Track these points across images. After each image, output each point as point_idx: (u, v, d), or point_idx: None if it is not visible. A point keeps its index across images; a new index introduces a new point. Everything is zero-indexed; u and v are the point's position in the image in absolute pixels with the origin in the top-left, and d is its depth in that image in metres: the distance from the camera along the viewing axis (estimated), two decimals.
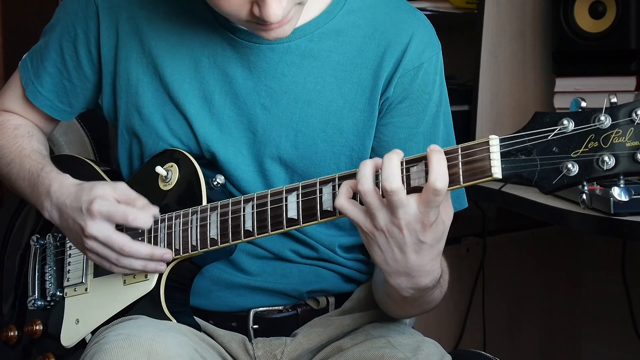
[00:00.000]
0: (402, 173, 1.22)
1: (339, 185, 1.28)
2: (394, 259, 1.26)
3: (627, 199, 1.13)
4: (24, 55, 1.67)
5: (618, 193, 1.14)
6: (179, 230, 1.45)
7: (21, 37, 2.54)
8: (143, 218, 1.45)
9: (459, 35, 2.44)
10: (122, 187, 1.47)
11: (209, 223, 1.42)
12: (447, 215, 1.26)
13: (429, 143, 1.47)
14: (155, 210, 1.47)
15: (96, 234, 1.43)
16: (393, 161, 1.21)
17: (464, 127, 2.34)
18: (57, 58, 1.60)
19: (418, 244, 1.24)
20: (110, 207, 1.43)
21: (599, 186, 1.70)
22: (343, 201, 1.25)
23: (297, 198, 1.33)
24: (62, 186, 1.50)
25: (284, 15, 1.33)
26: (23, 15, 2.68)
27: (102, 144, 1.99)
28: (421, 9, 1.59)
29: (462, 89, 2.47)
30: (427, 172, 1.20)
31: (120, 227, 1.45)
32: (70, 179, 1.52)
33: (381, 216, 1.23)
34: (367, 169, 1.23)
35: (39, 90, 1.63)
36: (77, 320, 1.55)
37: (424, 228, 1.22)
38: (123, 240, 1.43)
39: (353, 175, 1.27)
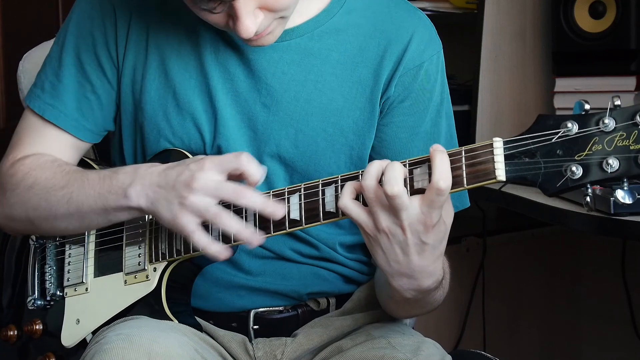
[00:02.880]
0: (405, 175, 1.22)
1: (342, 186, 1.28)
2: (396, 261, 1.26)
3: (631, 202, 1.13)
4: (27, 93, 1.59)
5: (622, 196, 1.14)
6: None
7: (21, 37, 2.54)
8: (254, 166, 1.33)
9: (459, 35, 2.44)
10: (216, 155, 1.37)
11: (210, 224, 1.41)
12: (448, 215, 1.26)
13: (430, 142, 1.46)
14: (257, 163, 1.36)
15: (206, 182, 1.32)
16: (396, 166, 1.21)
17: (464, 127, 2.34)
18: (76, 72, 1.54)
19: (420, 245, 1.24)
20: (219, 158, 1.33)
21: (599, 186, 1.70)
22: (347, 201, 1.25)
23: (300, 200, 1.33)
24: (152, 166, 1.40)
25: (260, 30, 1.34)
26: (23, 15, 2.68)
27: (102, 144, 1.98)
28: (421, 9, 1.59)
29: (462, 89, 2.48)
30: (430, 174, 1.21)
31: None
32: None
33: (383, 217, 1.23)
34: (373, 167, 1.23)
35: (61, 110, 1.54)
36: (78, 320, 1.55)
37: (426, 229, 1.22)
38: (234, 185, 1.32)
39: (356, 177, 1.27)
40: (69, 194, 1.45)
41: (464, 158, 1.20)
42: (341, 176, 1.30)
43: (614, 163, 1.12)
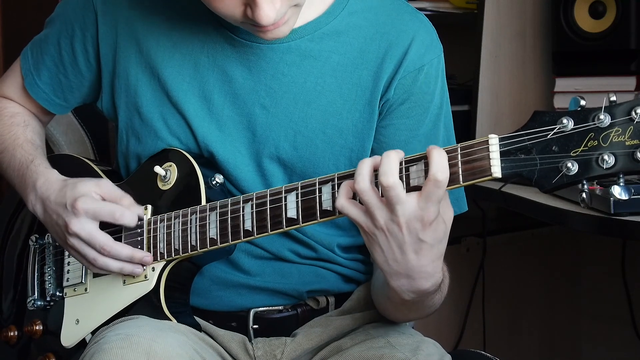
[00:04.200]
0: (401, 172, 1.22)
1: (339, 184, 1.28)
2: (394, 259, 1.26)
3: (627, 198, 1.13)
4: (27, 45, 1.68)
5: (618, 192, 1.14)
6: (178, 230, 1.45)
7: (21, 37, 2.55)
8: (129, 216, 1.46)
9: (459, 35, 2.44)
10: (106, 184, 1.48)
11: (209, 223, 1.42)
12: (447, 215, 1.26)
13: (429, 145, 1.47)
14: (140, 209, 1.48)
15: (79, 231, 1.44)
16: (391, 157, 1.21)
17: (464, 127, 2.34)
18: (54, 53, 1.61)
19: (418, 243, 1.23)
20: (96, 204, 1.44)
21: (599, 186, 1.70)
22: (343, 201, 1.25)
23: (297, 198, 1.33)
24: (48, 181, 1.51)
25: (277, 18, 1.33)
26: (23, 15, 2.68)
27: (102, 144, 1.99)
28: (421, 9, 1.60)
29: (462, 89, 2.48)
30: (426, 172, 1.20)
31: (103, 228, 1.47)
32: (56, 175, 1.53)
33: (380, 214, 1.22)
34: (364, 167, 1.23)
35: (37, 82, 1.64)
36: (77, 321, 1.55)
37: (423, 226, 1.22)
38: (104, 240, 1.44)
39: (353, 175, 1.27)
40: (1, 161, 1.63)
41: (459, 155, 1.20)
42: (338, 174, 1.30)
43: (609, 159, 1.12)
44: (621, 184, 1.14)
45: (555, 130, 1.15)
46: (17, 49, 1.72)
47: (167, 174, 1.49)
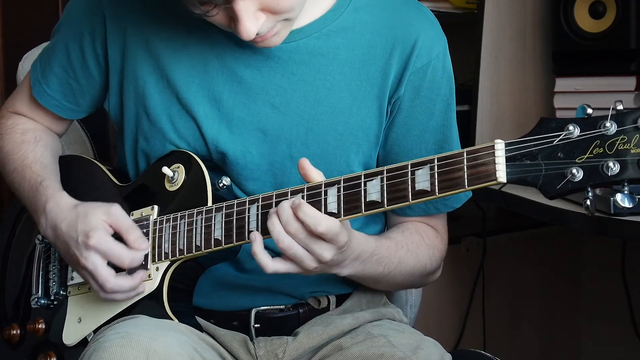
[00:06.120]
0: (408, 176, 1.24)
1: (345, 187, 1.30)
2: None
3: (630, 206, 1.13)
4: (38, 55, 1.68)
5: (621, 199, 1.14)
6: (184, 230, 1.45)
7: (21, 37, 2.54)
8: (138, 259, 1.46)
9: (459, 35, 2.43)
10: (115, 212, 1.48)
11: (214, 224, 1.42)
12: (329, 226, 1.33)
13: (442, 134, 1.51)
14: (146, 244, 1.48)
15: (88, 265, 1.45)
16: (274, 221, 1.32)
17: (464, 127, 2.34)
18: (63, 58, 1.61)
19: (339, 266, 1.38)
20: (107, 246, 1.45)
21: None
22: (272, 266, 1.35)
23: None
24: (58, 206, 1.51)
25: (263, 32, 1.35)
26: (23, 15, 2.68)
27: (102, 144, 1.99)
28: None
29: (462, 89, 2.47)
30: (432, 175, 1.22)
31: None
32: (66, 198, 1.53)
33: (309, 261, 1.33)
34: (278, 228, 1.32)
35: (45, 90, 1.64)
36: (80, 319, 1.55)
37: (326, 264, 1.34)
38: (105, 276, 1.45)
39: (354, 179, 1.30)
40: (12, 181, 1.64)
41: (465, 160, 1.21)
42: (344, 177, 1.31)
43: (614, 166, 1.13)
44: (625, 192, 1.14)
45: (561, 137, 1.16)
46: (17, 49, 1.73)
47: (175, 175, 1.50)
